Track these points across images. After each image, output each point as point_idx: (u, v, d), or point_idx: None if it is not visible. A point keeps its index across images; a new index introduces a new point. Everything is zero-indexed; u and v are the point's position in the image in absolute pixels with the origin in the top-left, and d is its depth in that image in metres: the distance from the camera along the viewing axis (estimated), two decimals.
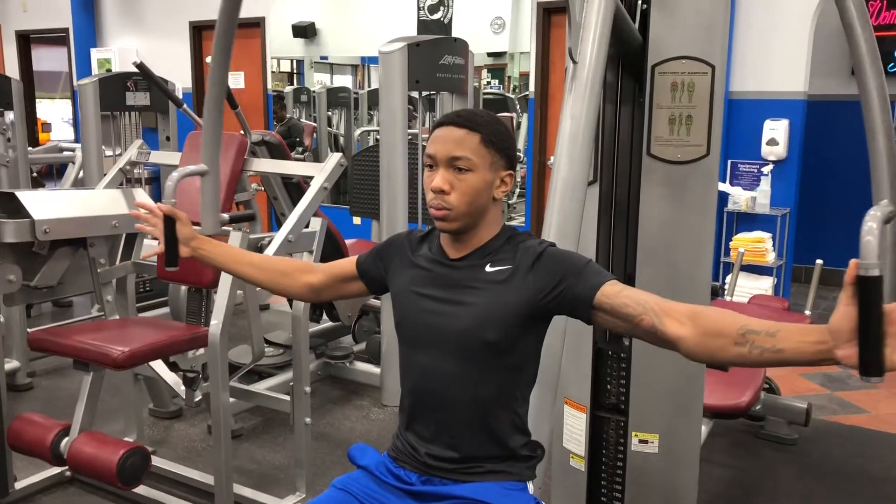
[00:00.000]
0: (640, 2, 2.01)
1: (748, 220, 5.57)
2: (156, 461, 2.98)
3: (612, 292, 1.40)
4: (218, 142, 2.41)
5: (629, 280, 2.09)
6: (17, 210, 2.60)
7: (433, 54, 3.67)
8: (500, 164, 1.52)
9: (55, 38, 9.24)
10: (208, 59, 3.22)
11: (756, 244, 5.34)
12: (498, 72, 7.14)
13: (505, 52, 6.76)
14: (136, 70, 4.13)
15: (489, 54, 6.77)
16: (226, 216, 2.64)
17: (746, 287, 5.14)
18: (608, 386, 2.22)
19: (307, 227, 2.84)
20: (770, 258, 5.40)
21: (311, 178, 2.95)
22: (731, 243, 5.45)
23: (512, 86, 7.07)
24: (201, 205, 2.48)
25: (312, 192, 2.85)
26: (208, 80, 1.79)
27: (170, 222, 1.82)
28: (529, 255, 1.48)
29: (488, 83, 7.15)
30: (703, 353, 1.30)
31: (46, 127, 10.29)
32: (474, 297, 1.50)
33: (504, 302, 1.47)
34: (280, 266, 1.83)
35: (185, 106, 4.00)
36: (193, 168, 2.37)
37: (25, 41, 9.64)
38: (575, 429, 2.23)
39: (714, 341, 1.27)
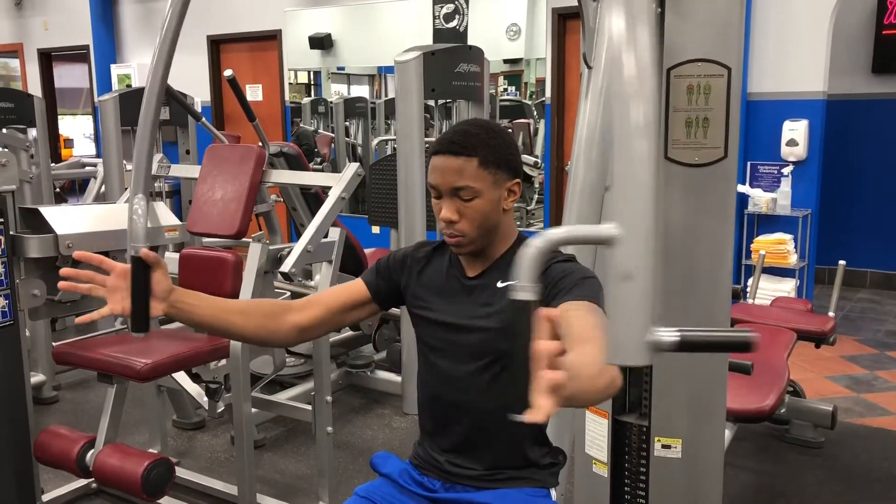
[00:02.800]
0: (654, 5, 2.01)
1: (769, 222, 5.52)
2: (180, 472, 3.00)
3: (567, 308, 1.31)
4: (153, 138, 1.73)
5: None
6: (41, 225, 2.63)
7: (449, 63, 3.68)
8: (504, 178, 1.50)
9: (76, 55, 9.37)
10: (226, 73, 3.26)
11: (777, 246, 5.29)
12: (514, 78, 7.14)
13: (521, 59, 6.77)
14: None
15: (505, 61, 6.78)
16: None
17: (769, 290, 5.10)
18: (630, 391, 2.21)
19: (326, 237, 2.85)
20: (792, 260, 5.35)
21: (329, 188, 2.96)
22: (752, 245, 5.41)
23: (528, 92, 7.07)
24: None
25: (331, 202, 2.87)
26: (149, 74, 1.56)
27: (142, 274, 1.43)
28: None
29: (505, 90, 7.15)
30: None
31: (69, 143, 10.45)
32: (486, 313, 1.50)
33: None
34: (266, 308, 1.59)
35: (204, 119, 4.03)
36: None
37: (47, 59, 9.78)
38: (597, 435, 2.22)
39: None
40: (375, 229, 5.08)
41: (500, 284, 1.52)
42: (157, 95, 1.54)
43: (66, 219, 2.67)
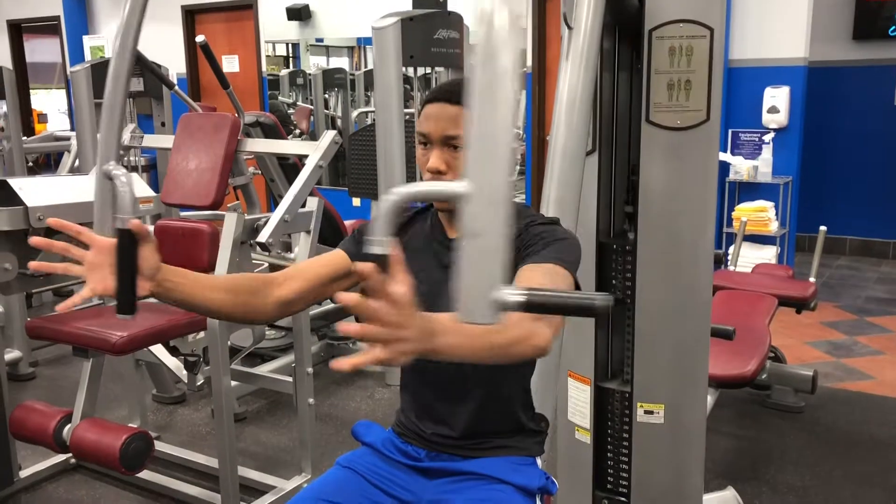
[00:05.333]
0: None
1: (750, 190, 5.53)
2: (160, 446, 2.97)
3: (525, 270, 1.33)
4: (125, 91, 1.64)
5: (631, 251, 2.06)
6: (11, 198, 2.57)
7: (427, 28, 3.62)
8: None
9: (48, 27, 9.17)
10: (198, 38, 3.18)
11: (758, 213, 5.31)
12: None
13: None
14: None
15: None
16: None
17: (750, 257, 5.11)
18: (612, 357, 2.20)
19: (304, 206, 2.81)
20: (773, 227, 5.36)
21: (307, 157, 2.91)
22: (733, 213, 5.42)
23: None
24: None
25: (308, 170, 2.82)
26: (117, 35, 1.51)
27: (129, 249, 1.29)
28: (517, 227, 1.45)
29: None
30: None
31: (42, 118, 10.25)
32: None
33: None
34: (246, 284, 1.49)
35: (177, 88, 3.95)
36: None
37: (17, 31, 9.56)
38: (579, 401, 2.21)
39: None
40: (356, 201, 5.03)
41: None
42: (129, 57, 1.48)
43: (37, 191, 2.61)
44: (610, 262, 2.12)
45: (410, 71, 3.80)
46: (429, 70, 3.92)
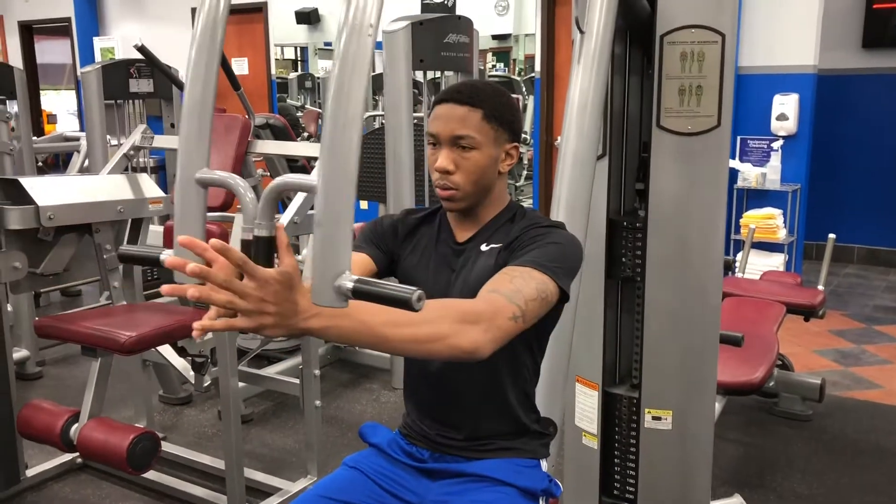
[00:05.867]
0: None
1: (758, 197, 5.51)
2: (167, 447, 2.97)
3: (499, 273, 1.34)
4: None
5: (640, 255, 2.05)
6: (21, 197, 2.58)
7: (437, 33, 3.62)
8: (505, 138, 1.49)
9: (58, 28, 9.21)
10: None
11: (767, 221, 5.29)
12: (503, 55, 7.08)
13: (509, 35, 6.70)
14: (138, 56, 4.09)
15: (493, 37, 6.71)
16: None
17: (758, 264, 5.09)
18: (620, 362, 2.20)
19: (312, 208, 2.80)
20: (781, 235, 5.35)
21: (316, 159, 2.92)
22: (741, 220, 5.40)
23: (517, 68, 7.00)
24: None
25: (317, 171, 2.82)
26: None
27: (266, 259, 1.29)
28: (514, 233, 1.46)
29: (493, 66, 7.09)
30: None
31: (52, 118, 10.30)
32: (468, 274, 1.48)
33: (486, 277, 1.38)
34: None
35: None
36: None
37: (28, 32, 9.61)
38: (587, 407, 2.20)
39: None
40: (363, 204, 5.05)
41: (483, 248, 1.49)
42: (217, 61, 1.43)
43: (48, 190, 2.62)
44: (619, 264, 2.12)
45: (419, 75, 3.80)
46: (437, 74, 3.93)
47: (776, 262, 5.35)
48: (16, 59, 9.43)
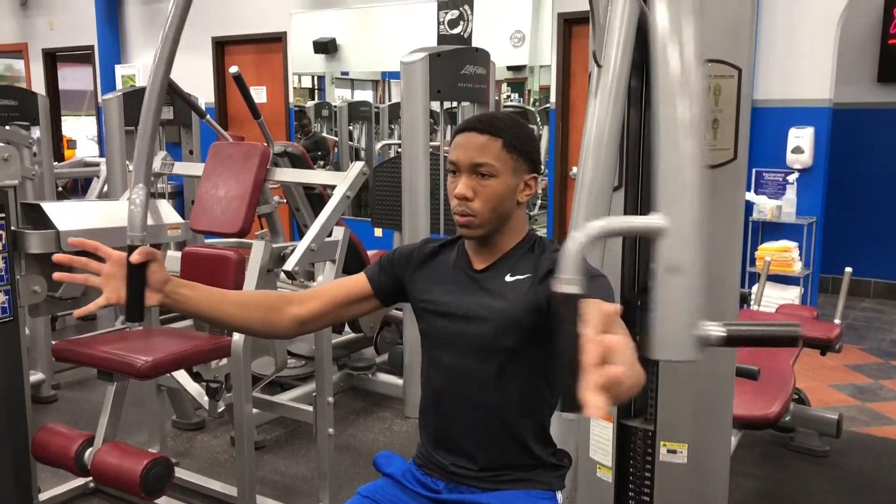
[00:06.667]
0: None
1: (774, 230, 5.50)
2: (179, 472, 2.97)
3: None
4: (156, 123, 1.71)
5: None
6: (42, 221, 2.61)
7: (454, 64, 3.67)
8: (524, 168, 1.51)
9: (80, 55, 9.37)
10: (231, 69, 3.24)
11: (782, 253, 5.27)
12: (518, 86, 7.12)
13: (525, 66, 6.75)
14: None
15: (509, 68, 6.77)
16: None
17: (773, 297, 5.07)
18: (635, 395, 2.18)
19: (330, 235, 2.83)
20: (797, 268, 5.32)
21: (333, 188, 2.94)
22: (756, 252, 5.38)
23: (532, 99, 7.05)
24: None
25: (335, 200, 2.85)
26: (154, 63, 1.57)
27: (138, 267, 1.41)
28: (545, 265, 1.46)
29: (508, 97, 7.14)
30: None
31: (72, 144, 10.44)
32: (494, 305, 1.48)
33: (518, 310, 1.45)
34: (266, 300, 1.58)
35: (208, 116, 4.02)
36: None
37: (52, 59, 9.78)
38: (602, 439, 2.19)
39: None
40: (378, 232, 5.07)
41: (508, 278, 1.50)
42: (161, 85, 1.53)
43: (68, 215, 2.65)
44: (635, 299, 2.12)
45: (436, 105, 3.84)
46: (454, 104, 3.96)
47: (792, 294, 5.32)
48: (38, 86, 9.58)
